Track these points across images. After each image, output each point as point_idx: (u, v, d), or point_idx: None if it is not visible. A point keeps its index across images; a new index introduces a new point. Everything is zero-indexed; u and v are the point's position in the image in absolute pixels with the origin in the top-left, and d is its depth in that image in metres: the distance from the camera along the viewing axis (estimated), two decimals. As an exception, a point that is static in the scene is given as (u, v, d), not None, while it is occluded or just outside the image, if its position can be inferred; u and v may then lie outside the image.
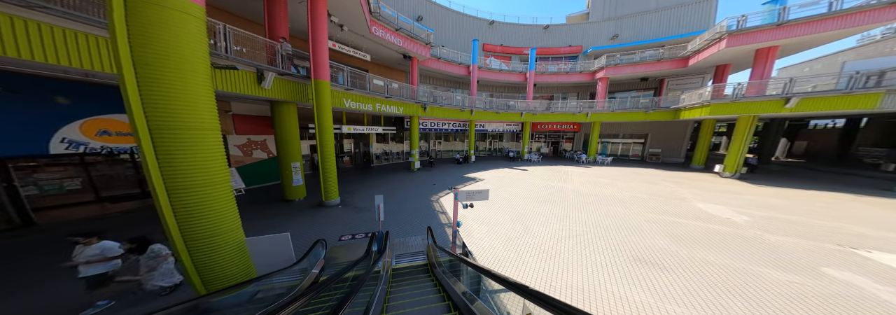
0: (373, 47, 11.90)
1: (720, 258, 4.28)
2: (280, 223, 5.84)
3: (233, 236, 2.84)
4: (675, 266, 4.04)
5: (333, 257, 4.50)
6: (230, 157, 8.26)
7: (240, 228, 3.00)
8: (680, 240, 4.99)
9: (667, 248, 4.67)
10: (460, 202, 3.40)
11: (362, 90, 9.39)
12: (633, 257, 4.35)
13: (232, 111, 8.22)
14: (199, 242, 2.57)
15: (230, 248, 2.81)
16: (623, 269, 3.99)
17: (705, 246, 4.73)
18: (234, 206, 2.93)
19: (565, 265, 4.12)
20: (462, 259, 2.91)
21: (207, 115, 2.63)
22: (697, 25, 16.01)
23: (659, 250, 4.57)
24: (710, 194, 8.44)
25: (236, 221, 2.94)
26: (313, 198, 7.63)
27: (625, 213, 6.54)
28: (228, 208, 2.82)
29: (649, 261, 4.22)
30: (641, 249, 4.61)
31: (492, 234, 5.36)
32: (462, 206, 3.21)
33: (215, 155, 2.70)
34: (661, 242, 4.89)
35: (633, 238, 5.10)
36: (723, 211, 6.68)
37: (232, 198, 2.90)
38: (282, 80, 6.68)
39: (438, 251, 4.24)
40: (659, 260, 4.24)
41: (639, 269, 3.96)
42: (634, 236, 5.18)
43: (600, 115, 16.26)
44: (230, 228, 2.83)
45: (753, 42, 9.96)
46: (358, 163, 15.33)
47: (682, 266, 4.04)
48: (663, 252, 4.50)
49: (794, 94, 8.87)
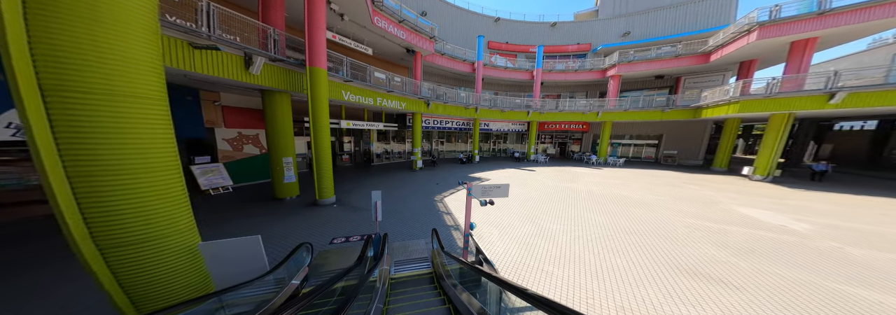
0: (375, 40, 11.39)
1: (795, 273, 3.48)
2: (266, 224, 5.19)
3: (179, 240, 2.18)
4: (742, 282, 3.26)
5: (321, 264, 3.82)
6: (217, 152, 7.68)
7: (192, 230, 2.33)
8: (735, 250, 4.19)
9: (722, 259, 3.88)
10: (476, 199, 2.70)
11: (363, 83, 8.81)
12: (681, 269, 3.57)
13: (220, 102, 7.63)
14: (125, 251, 1.90)
15: (176, 255, 2.14)
16: (674, 283, 3.22)
17: (770, 258, 3.93)
18: (185, 201, 2.27)
19: (599, 276, 3.37)
20: (477, 269, 2.22)
21: (144, 78, 1.98)
22: (715, 21, 15.24)
23: (713, 261, 3.79)
24: (748, 198, 7.59)
25: (186, 221, 2.28)
26: (307, 196, 7.00)
27: (654, 218, 5.75)
28: (175, 203, 2.16)
29: (705, 274, 3.44)
30: (689, 260, 3.84)
31: (506, 238, 4.63)
32: (480, 203, 2.51)
33: (155, 131, 2.05)
34: (711, 252, 4.10)
35: (673, 246, 4.32)
36: (773, 217, 5.83)
37: (181, 189, 2.24)
38: (273, 66, 6.11)
39: (445, 258, 3.55)
40: (718, 274, 3.46)
41: (695, 285, 3.19)
42: (675, 244, 4.39)
43: (612, 114, 15.47)
44: (176, 230, 2.16)
45: (789, 33, 9.18)
46: (357, 161, 14.73)
47: (751, 282, 3.25)
48: (720, 264, 3.72)
49: (840, 89, 8.02)
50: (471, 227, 3.16)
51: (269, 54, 5.73)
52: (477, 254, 3.14)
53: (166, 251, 2.09)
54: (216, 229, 4.77)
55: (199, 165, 6.97)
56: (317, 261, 3.87)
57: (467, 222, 3.13)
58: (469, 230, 3.18)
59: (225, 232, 4.65)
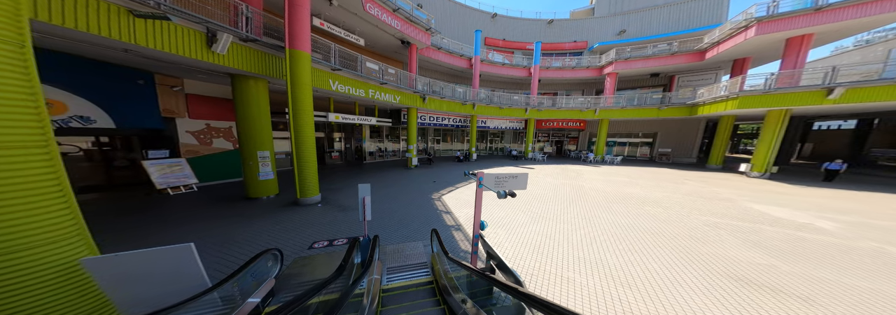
0: (367, 30, 10.67)
1: (858, 281, 3.03)
2: (227, 227, 4.41)
3: (51, 254, 1.47)
4: (806, 291, 2.80)
5: (296, 274, 3.12)
6: (179, 146, 6.70)
7: (78, 240, 1.63)
8: (772, 251, 3.77)
9: (763, 261, 3.44)
10: (493, 191, 2.10)
11: (353, 72, 8.11)
12: (724, 274, 3.10)
13: (182, 88, 6.60)
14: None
15: (45, 274, 1.44)
16: (726, 293, 2.73)
17: (814, 260, 3.51)
18: (64, 200, 1.57)
19: (631, 284, 2.85)
20: (491, 279, 1.66)
21: None
22: (709, 19, 15.40)
23: (755, 265, 3.33)
24: (757, 195, 7.35)
25: (67, 228, 1.57)
26: (288, 196, 6.22)
27: (670, 216, 5.34)
28: (42, 202, 1.46)
29: (756, 281, 2.96)
30: (728, 263, 3.38)
31: (514, 240, 4.07)
32: (497, 195, 1.93)
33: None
34: (747, 254, 3.66)
35: (703, 246, 3.87)
36: (792, 214, 5.51)
37: (56, 182, 1.54)
38: (245, 47, 5.33)
39: (448, 263, 2.95)
40: (770, 281, 2.99)
41: (752, 295, 2.70)
42: (704, 244, 3.95)
43: (609, 111, 15.32)
44: (47, 240, 1.45)
45: (786, 29, 9.14)
46: (349, 159, 13.91)
47: (817, 292, 2.79)
48: (765, 268, 3.26)
49: (838, 84, 7.97)
50: (481, 227, 2.57)
51: (239, 32, 4.97)
52: (489, 259, 2.55)
53: (27, 269, 1.38)
54: (156, 236, 3.95)
55: (154, 160, 6.05)
56: (290, 270, 3.18)
57: (477, 221, 2.54)
58: (479, 230, 2.59)
59: (165, 239, 3.85)
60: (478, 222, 2.55)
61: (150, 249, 1.70)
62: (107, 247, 3.42)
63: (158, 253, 1.73)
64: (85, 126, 5.26)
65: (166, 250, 1.73)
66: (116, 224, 4.33)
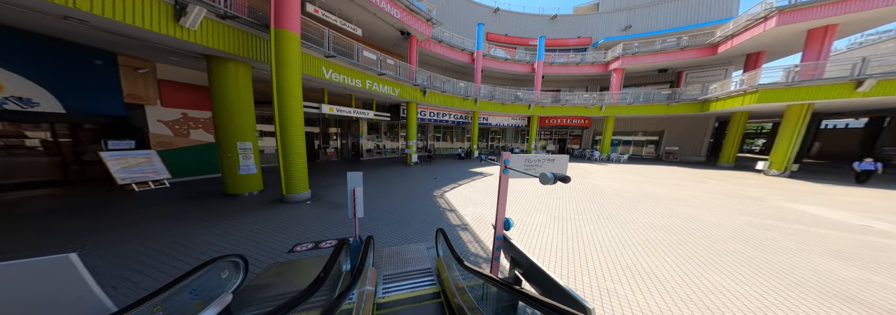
0: (365, 19, 10.06)
1: None
2: (195, 227, 3.76)
3: None
4: None
5: (267, 285, 2.49)
6: (149, 137, 5.95)
7: None
8: (853, 259, 3.15)
9: (854, 275, 2.81)
10: (534, 176, 1.46)
11: (349, 60, 7.50)
12: (828, 293, 2.47)
13: (151, 71, 5.81)
14: None
15: None
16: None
17: None
18: None
19: (699, 302, 2.24)
20: (523, 295, 1.06)
21: None
22: (718, 14, 14.95)
23: (848, 279, 2.70)
24: (786, 194, 6.78)
25: None
26: (274, 192, 5.58)
27: (705, 216, 4.75)
28: None
29: (872, 303, 2.34)
30: (815, 277, 2.75)
31: (533, 243, 3.47)
32: (544, 180, 1.30)
33: None
34: (825, 263, 3.05)
35: (762, 254, 3.27)
36: (839, 215, 4.90)
37: None
38: (223, 25, 4.69)
39: (457, 270, 2.36)
40: (887, 302, 2.37)
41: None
42: (762, 251, 3.34)
43: (616, 107, 14.79)
44: None
45: (809, 19, 8.64)
46: (345, 156, 13.27)
47: None
48: (862, 284, 2.62)
49: (870, 76, 7.45)
50: (507, 227, 1.95)
51: (215, 6, 4.33)
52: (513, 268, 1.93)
53: None
54: (91, 239, 3.27)
55: (115, 152, 5.31)
56: (261, 281, 2.55)
57: (501, 218, 1.93)
58: (503, 231, 1.97)
59: (97, 243, 3.16)
60: (502, 220, 1.94)
61: (9, 263, 1.06)
62: (6, 254, 2.69)
63: (22, 267, 1.10)
64: (25, 109, 4.50)
65: (33, 264, 1.10)
66: (48, 224, 3.65)
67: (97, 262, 2.76)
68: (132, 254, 2.93)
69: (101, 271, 2.58)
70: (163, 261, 2.83)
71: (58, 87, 4.74)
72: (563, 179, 1.31)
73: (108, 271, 2.59)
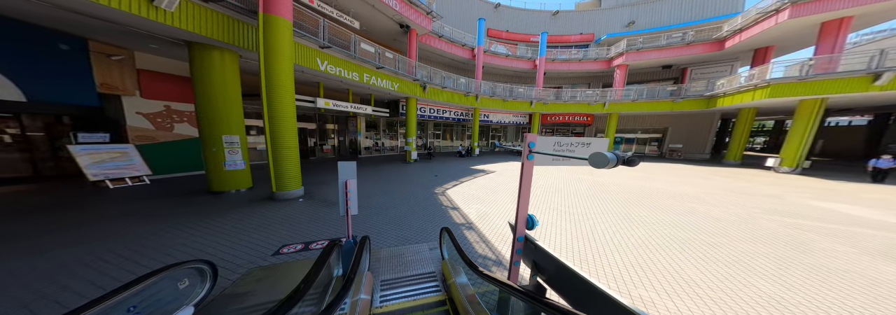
0: (363, 11, 9.67)
1: None
2: (171, 227, 3.40)
3: None
4: None
5: (245, 294, 2.14)
6: (126, 130, 5.52)
7: None
8: None
9: None
10: (606, 154, 1.04)
11: (345, 52, 7.12)
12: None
13: (127, 59, 5.34)
14: None
15: None
16: None
17: None
18: None
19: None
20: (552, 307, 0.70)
21: None
22: (724, 9, 14.67)
23: None
24: (804, 191, 6.49)
25: None
26: (263, 190, 5.20)
27: (724, 214, 4.44)
28: None
29: None
30: (874, 283, 2.44)
31: (546, 243, 3.12)
32: (613, 161, 0.95)
33: None
34: (890, 269, 2.74)
35: (808, 257, 2.94)
36: (873, 214, 4.55)
37: None
38: (205, 8, 4.29)
39: (464, 275, 2.03)
40: None
41: None
42: (806, 254, 3.01)
43: (620, 104, 14.49)
44: None
45: (823, 11, 8.34)
46: (342, 153, 12.90)
47: None
48: None
49: (888, 69, 7.17)
50: (530, 225, 1.60)
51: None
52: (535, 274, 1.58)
53: None
54: (43, 240, 2.88)
55: (85, 145, 4.89)
56: (236, 289, 2.19)
57: (523, 214, 1.58)
58: (524, 230, 1.63)
59: (45, 246, 2.74)
60: (524, 217, 1.59)
61: None
62: None
63: None
64: (-26, 96, 4.08)
65: None
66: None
67: (22, 270, 2.25)
68: (70, 261, 2.40)
69: (18, 286, 2.04)
70: (105, 272, 2.28)
71: (17, 73, 4.31)
72: (629, 162, 0.97)
73: (28, 286, 2.06)
